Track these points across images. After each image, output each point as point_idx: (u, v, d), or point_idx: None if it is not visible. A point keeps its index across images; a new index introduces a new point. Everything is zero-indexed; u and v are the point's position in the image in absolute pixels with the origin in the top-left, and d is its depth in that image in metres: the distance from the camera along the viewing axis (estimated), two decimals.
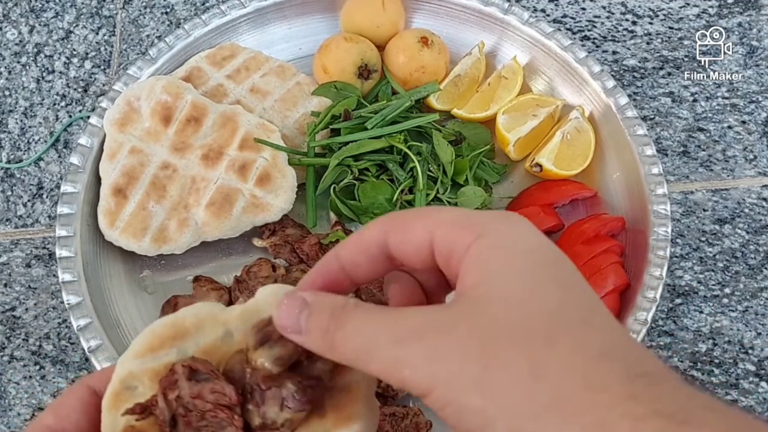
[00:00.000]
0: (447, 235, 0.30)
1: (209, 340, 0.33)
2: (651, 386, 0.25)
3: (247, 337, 0.32)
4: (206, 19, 0.75)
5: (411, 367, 0.27)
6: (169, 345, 0.32)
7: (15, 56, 0.83)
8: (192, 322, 0.33)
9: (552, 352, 0.26)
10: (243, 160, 0.65)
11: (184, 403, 0.31)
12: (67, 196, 0.66)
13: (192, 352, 0.33)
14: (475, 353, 0.26)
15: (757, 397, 0.63)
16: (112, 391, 0.32)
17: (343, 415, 0.32)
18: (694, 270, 0.68)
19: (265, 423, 0.31)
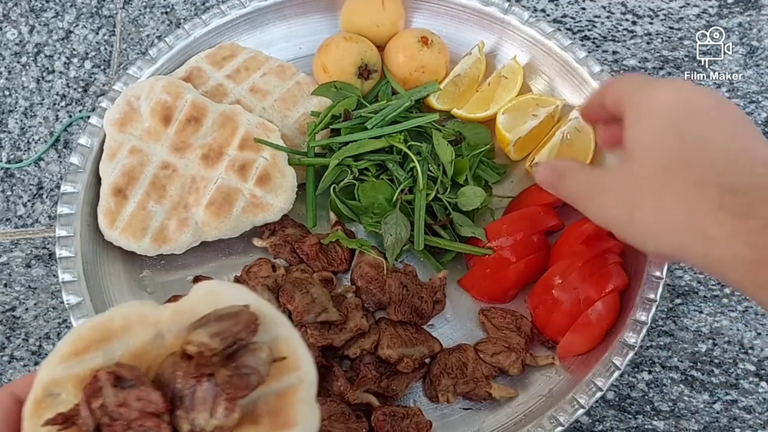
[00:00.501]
0: (617, 100, 0.47)
1: (138, 342, 0.31)
2: (739, 199, 0.38)
3: (180, 337, 0.31)
4: (206, 19, 0.75)
5: (595, 208, 0.47)
6: (95, 348, 0.31)
7: (15, 56, 0.83)
8: (120, 323, 0.32)
9: (664, 191, 0.41)
10: (243, 159, 0.65)
11: (108, 411, 0.29)
12: (67, 196, 0.66)
13: (119, 356, 0.31)
14: (624, 203, 0.43)
15: (757, 397, 0.63)
16: (34, 398, 0.30)
17: (278, 420, 0.30)
18: (693, 270, 0.68)
19: (193, 430, 0.29)
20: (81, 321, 0.60)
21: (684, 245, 0.40)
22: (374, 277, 0.63)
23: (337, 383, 0.59)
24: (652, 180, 0.42)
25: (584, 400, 0.57)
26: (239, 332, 0.30)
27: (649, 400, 0.63)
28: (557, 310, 0.61)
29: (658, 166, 0.42)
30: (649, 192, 0.42)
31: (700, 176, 0.39)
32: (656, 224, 0.41)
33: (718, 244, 0.37)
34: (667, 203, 0.40)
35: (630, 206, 0.43)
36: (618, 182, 0.45)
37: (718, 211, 0.38)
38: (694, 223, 0.39)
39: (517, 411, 0.60)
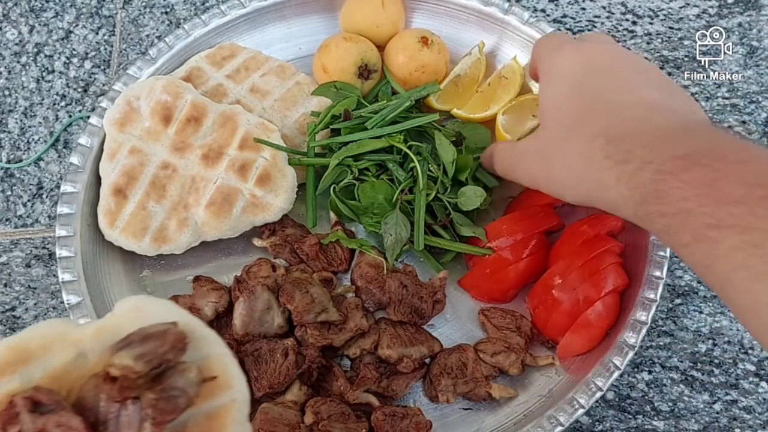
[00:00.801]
0: (534, 68, 0.56)
1: (58, 363, 0.29)
2: (619, 144, 0.44)
3: (104, 357, 0.29)
4: (206, 19, 0.75)
5: (522, 172, 0.55)
6: (11, 371, 0.29)
7: (15, 56, 0.83)
8: (38, 343, 0.30)
9: (568, 148, 0.47)
10: (243, 159, 0.65)
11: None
12: (66, 196, 0.66)
13: (38, 378, 0.29)
14: (541, 163, 0.51)
15: (757, 397, 0.63)
16: None
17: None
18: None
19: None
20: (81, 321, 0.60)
21: (589, 193, 0.46)
22: (374, 277, 0.63)
23: (337, 383, 0.59)
24: (559, 140, 0.49)
25: (584, 400, 0.57)
26: (166, 353, 0.28)
27: (649, 400, 0.63)
28: (557, 311, 0.61)
29: (563, 126, 0.48)
30: (558, 150, 0.49)
31: (593, 130, 0.45)
32: (567, 178, 0.48)
33: (610, 188, 0.43)
34: (572, 158, 0.47)
35: (546, 165, 0.50)
36: (535, 147, 0.53)
37: (606, 160, 0.44)
38: (591, 173, 0.45)
39: (517, 411, 0.60)
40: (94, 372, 0.29)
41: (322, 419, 0.56)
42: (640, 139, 0.42)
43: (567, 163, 0.48)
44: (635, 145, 0.42)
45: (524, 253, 0.64)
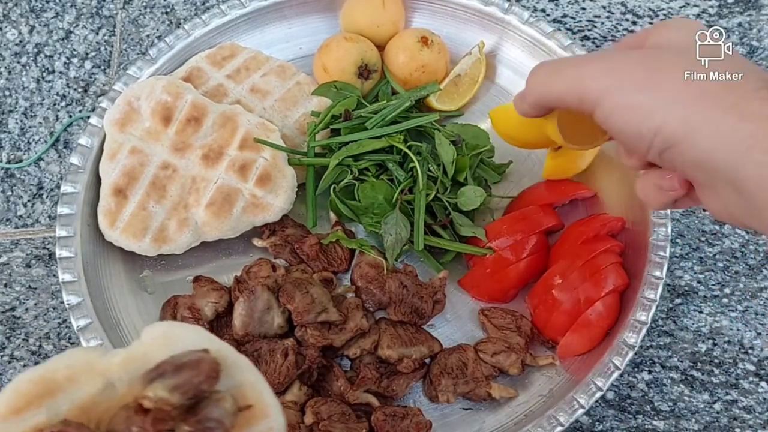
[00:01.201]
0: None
1: (86, 394, 0.28)
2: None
3: (134, 387, 0.28)
4: (206, 19, 0.75)
5: (590, 77, 0.39)
6: (37, 404, 0.28)
7: (15, 56, 0.83)
8: (64, 374, 0.29)
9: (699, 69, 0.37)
10: (243, 160, 0.65)
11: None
12: (67, 197, 0.66)
13: (66, 411, 0.28)
14: (641, 69, 0.37)
15: (757, 397, 0.63)
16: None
17: None
18: (693, 270, 0.68)
19: None
20: (81, 321, 0.60)
21: (707, 116, 0.35)
22: (374, 277, 0.63)
23: (337, 383, 0.59)
24: (661, 57, 0.39)
25: (584, 400, 0.57)
26: (201, 383, 0.27)
27: (649, 400, 0.63)
28: (557, 310, 0.61)
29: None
30: (662, 60, 0.38)
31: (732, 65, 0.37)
32: (678, 92, 0.37)
33: (747, 119, 0.34)
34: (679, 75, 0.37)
35: (648, 71, 0.38)
36: (610, 56, 0.42)
37: (761, 90, 0.35)
38: (729, 98, 0.35)
39: (517, 411, 0.60)
40: (124, 403, 0.28)
41: (322, 419, 0.56)
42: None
43: (688, 79, 0.37)
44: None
45: (524, 253, 0.64)
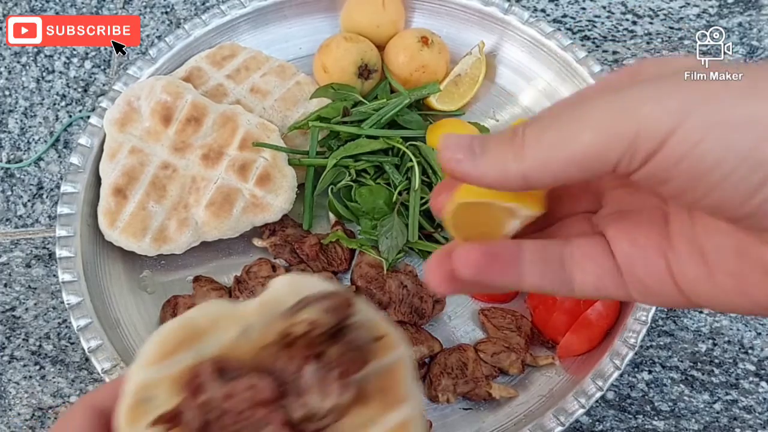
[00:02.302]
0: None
1: (227, 339, 0.30)
2: None
3: (270, 330, 0.29)
4: (206, 19, 0.75)
5: (652, 101, 0.22)
6: (184, 348, 0.29)
7: (15, 56, 0.83)
8: (205, 321, 0.30)
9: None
10: (243, 160, 0.65)
11: (214, 406, 0.28)
12: (67, 196, 0.66)
13: (211, 354, 0.29)
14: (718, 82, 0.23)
15: (757, 397, 0.63)
16: (127, 406, 0.28)
17: (388, 399, 0.29)
18: None
19: (308, 414, 0.28)
20: (81, 321, 0.60)
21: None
22: (374, 277, 0.63)
23: None
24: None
25: (584, 400, 0.57)
26: (344, 308, 0.29)
27: (649, 400, 0.63)
28: (557, 310, 0.61)
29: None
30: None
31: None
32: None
33: None
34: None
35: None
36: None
37: None
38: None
39: (517, 411, 0.60)
40: (259, 346, 0.29)
41: None
42: None
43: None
44: None
45: None
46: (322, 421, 0.28)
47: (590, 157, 0.23)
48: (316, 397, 0.28)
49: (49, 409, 0.64)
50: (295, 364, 0.29)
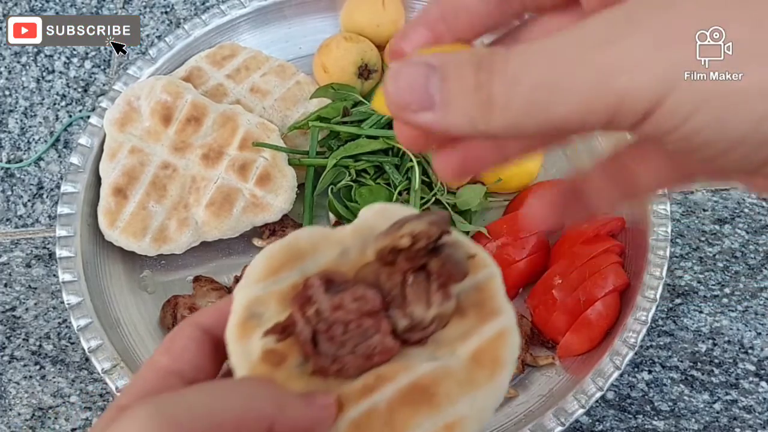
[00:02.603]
0: None
1: (328, 259, 0.31)
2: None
3: (369, 250, 0.31)
4: (206, 19, 0.75)
5: (630, 68, 0.19)
6: (289, 267, 0.30)
7: (15, 56, 0.83)
8: (306, 243, 0.31)
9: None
10: (243, 159, 0.65)
11: (323, 318, 0.29)
12: (67, 196, 0.66)
13: (313, 272, 0.30)
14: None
15: (757, 397, 0.63)
16: (238, 320, 0.29)
17: (484, 311, 0.30)
18: (693, 270, 0.68)
19: (412, 324, 0.29)
20: (81, 321, 0.60)
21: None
22: None
23: None
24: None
25: (584, 400, 0.57)
26: (445, 224, 0.29)
27: (649, 400, 0.63)
28: (557, 310, 0.61)
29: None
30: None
31: None
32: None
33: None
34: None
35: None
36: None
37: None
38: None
39: (517, 411, 0.60)
40: (356, 267, 0.31)
41: None
42: None
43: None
44: None
45: (524, 252, 0.64)
46: (426, 330, 0.29)
47: (567, 126, 0.21)
48: (419, 308, 0.29)
49: (49, 409, 0.64)
50: (398, 278, 0.30)
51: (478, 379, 0.30)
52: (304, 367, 0.29)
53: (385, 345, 0.29)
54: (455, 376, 0.29)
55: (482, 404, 0.30)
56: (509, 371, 0.30)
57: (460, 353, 0.30)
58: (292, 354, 0.29)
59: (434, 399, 0.28)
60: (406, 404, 0.28)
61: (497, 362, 0.30)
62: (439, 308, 0.29)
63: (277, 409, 0.26)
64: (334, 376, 0.29)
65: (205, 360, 0.30)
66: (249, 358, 0.29)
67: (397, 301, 0.30)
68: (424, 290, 0.30)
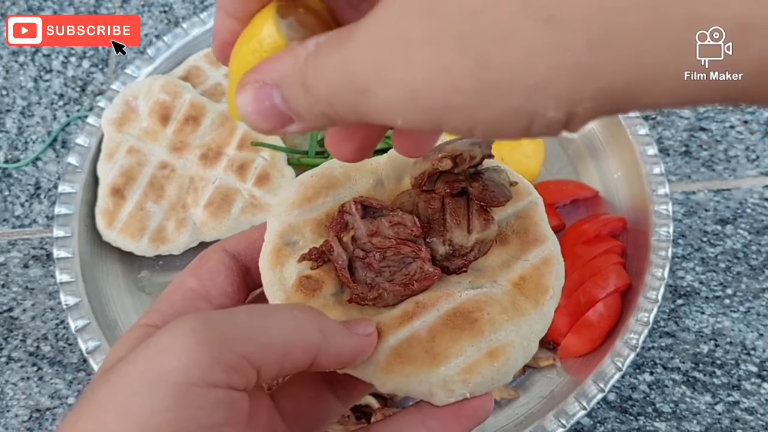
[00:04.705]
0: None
1: (362, 188, 0.30)
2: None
3: (403, 180, 0.30)
4: (205, 18, 0.74)
5: (357, 60, 0.21)
6: (324, 194, 0.29)
7: (13, 55, 0.82)
8: (340, 171, 0.30)
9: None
10: (242, 159, 0.65)
11: (360, 244, 0.28)
12: (64, 197, 0.66)
13: (348, 199, 0.29)
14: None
15: (759, 398, 0.62)
16: (272, 247, 0.29)
17: (527, 239, 0.30)
18: (695, 270, 0.68)
19: (453, 250, 0.28)
20: (79, 322, 0.60)
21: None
22: None
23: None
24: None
25: (585, 402, 0.56)
26: (488, 147, 0.28)
27: (651, 402, 0.62)
28: (558, 311, 0.60)
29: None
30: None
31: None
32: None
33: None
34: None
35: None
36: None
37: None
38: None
39: (518, 413, 0.59)
40: (391, 197, 0.30)
41: None
42: None
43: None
44: None
45: None
46: (467, 257, 0.28)
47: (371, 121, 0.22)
48: (460, 233, 0.28)
49: (46, 410, 0.63)
50: (437, 203, 0.29)
51: (523, 307, 0.29)
52: (339, 296, 0.28)
53: (424, 272, 0.28)
54: (498, 303, 0.28)
55: (527, 332, 0.29)
56: (555, 299, 0.30)
57: (503, 281, 0.29)
58: (327, 282, 0.28)
59: (476, 325, 0.27)
60: (448, 330, 0.27)
61: (541, 289, 0.29)
62: (480, 233, 0.28)
63: (322, 337, 0.25)
64: (371, 304, 0.28)
65: (232, 286, 0.29)
66: (284, 286, 0.28)
67: (437, 227, 0.28)
68: (464, 215, 0.28)
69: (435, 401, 0.27)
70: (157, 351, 0.23)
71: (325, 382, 0.31)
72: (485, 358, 0.27)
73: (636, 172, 0.66)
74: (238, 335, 0.24)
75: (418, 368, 0.27)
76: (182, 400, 0.22)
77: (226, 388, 0.23)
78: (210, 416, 0.23)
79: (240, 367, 0.23)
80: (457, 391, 0.27)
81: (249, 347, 0.24)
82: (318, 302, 0.28)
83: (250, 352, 0.24)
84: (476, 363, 0.27)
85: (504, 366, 0.27)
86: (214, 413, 0.23)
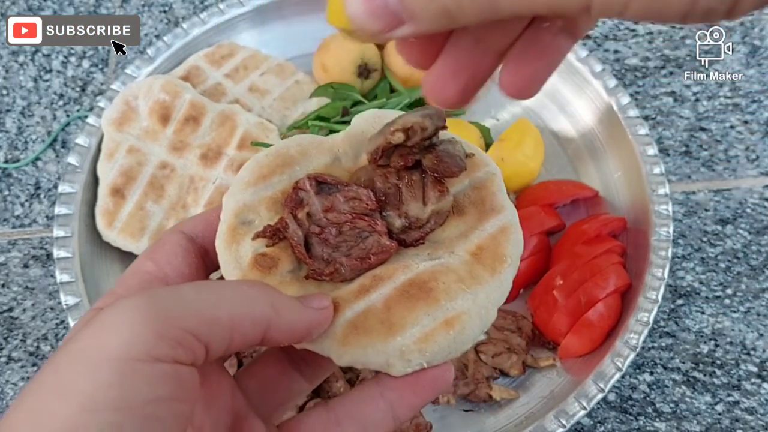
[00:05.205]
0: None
1: (318, 165, 0.30)
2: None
3: (360, 157, 0.30)
4: (205, 18, 0.74)
5: None
6: (279, 172, 0.29)
7: (12, 55, 0.82)
8: (296, 150, 0.30)
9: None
10: (242, 159, 0.65)
11: (316, 220, 0.28)
12: (64, 197, 0.66)
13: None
14: None
15: (759, 398, 0.62)
16: (227, 227, 0.29)
17: (485, 209, 0.30)
18: (695, 271, 0.68)
19: (409, 223, 0.28)
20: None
21: None
22: None
23: (336, 384, 0.59)
24: None
25: (585, 402, 0.56)
26: (442, 119, 0.28)
27: (651, 402, 0.62)
28: (558, 311, 0.60)
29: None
30: None
31: None
32: None
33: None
34: None
35: None
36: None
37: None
38: None
39: (518, 412, 0.59)
40: (349, 174, 0.30)
41: None
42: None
43: None
44: None
45: (525, 253, 0.63)
46: (423, 229, 0.28)
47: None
48: (415, 205, 0.28)
49: None
50: (393, 177, 0.29)
51: (480, 276, 0.29)
52: (297, 272, 0.28)
53: (381, 245, 0.28)
54: (455, 273, 0.28)
55: (484, 301, 0.28)
56: (513, 268, 0.30)
57: (460, 251, 0.29)
58: (284, 259, 0.28)
59: (432, 294, 0.27)
60: (404, 301, 0.27)
61: (499, 258, 0.29)
62: (435, 205, 0.28)
63: (273, 311, 0.25)
64: (328, 279, 0.28)
65: (190, 268, 0.29)
66: (240, 264, 0.28)
67: (393, 201, 0.28)
68: (419, 188, 0.28)
69: (393, 372, 0.27)
70: (99, 328, 0.23)
71: (289, 360, 0.31)
72: (441, 327, 0.27)
73: (636, 172, 0.66)
74: (183, 310, 0.24)
75: (375, 339, 0.27)
76: (126, 376, 0.22)
77: (171, 362, 0.23)
78: (155, 391, 0.22)
79: (185, 341, 0.23)
80: (414, 361, 0.27)
81: (194, 321, 0.24)
82: (275, 279, 0.28)
83: (196, 326, 0.24)
84: (432, 332, 0.27)
85: (460, 334, 0.27)
86: (160, 387, 0.23)
